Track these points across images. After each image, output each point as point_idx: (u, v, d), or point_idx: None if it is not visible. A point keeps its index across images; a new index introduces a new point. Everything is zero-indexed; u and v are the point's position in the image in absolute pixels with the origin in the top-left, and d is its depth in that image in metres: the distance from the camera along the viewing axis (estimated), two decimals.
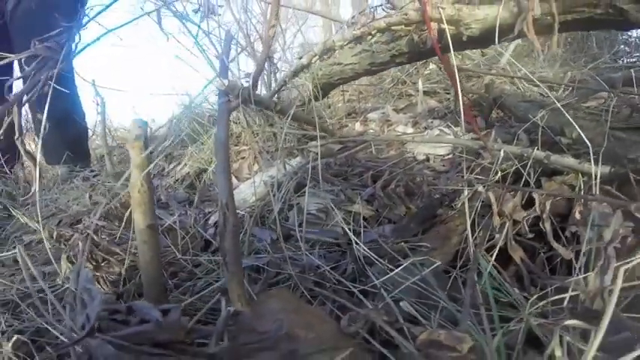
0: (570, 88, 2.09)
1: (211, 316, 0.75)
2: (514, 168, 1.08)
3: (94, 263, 0.95)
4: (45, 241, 1.04)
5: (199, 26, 1.71)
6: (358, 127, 2.16)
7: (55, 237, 1.11)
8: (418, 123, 2.05)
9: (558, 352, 0.51)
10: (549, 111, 1.31)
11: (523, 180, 1.03)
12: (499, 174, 1.10)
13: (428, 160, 1.45)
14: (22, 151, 0.90)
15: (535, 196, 0.92)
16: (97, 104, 2.47)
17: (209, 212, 1.35)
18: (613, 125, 1.14)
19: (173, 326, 0.51)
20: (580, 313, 0.60)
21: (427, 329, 0.56)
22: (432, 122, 2.01)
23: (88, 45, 1.28)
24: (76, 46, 1.29)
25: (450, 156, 1.48)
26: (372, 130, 2.04)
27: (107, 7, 1.25)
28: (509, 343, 0.60)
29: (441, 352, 0.52)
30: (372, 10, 1.54)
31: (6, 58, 1.26)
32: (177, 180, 1.83)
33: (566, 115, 1.07)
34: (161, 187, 1.79)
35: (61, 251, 1.22)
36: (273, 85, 2.17)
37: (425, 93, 2.43)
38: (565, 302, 0.65)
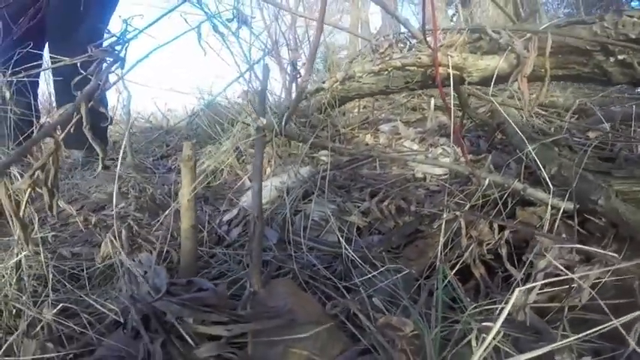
0: (576, 116, 2.34)
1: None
2: (495, 195, 1.34)
3: (134, 247, 1.23)
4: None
5: (237, 36, 1.98)
6: (368, 139, 2.43)
7: (93, 223, 1.39)
8: (425, 139, 2.31)
9: (473, 343, 0.77)
10: (539, 145, 1.57)
11: (498, 208, 1.29)
12: (480, 200, 1.36)
13: (425, 179, 1.72)
14: (90, 140, 1.14)
15: (495, 225, 1.18)
16: (119, 93, 2.76)
17: (224, 211, 1.63)
18: (586, 166, 1.39)
19: (220, 294, 0.80)
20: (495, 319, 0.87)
21: (385, 316, 0.84)
22: (438, 140, 2.27)
23: (141, 60, 1.52)
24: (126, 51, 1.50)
25: (446, 176, 1.74)
26: (380, 144, 2.31)
27: (155, 21, 1.49)
28: (449, 337, 0.86)
29: (392, 332, 0.80)
30: (395, 35, 1.81)
31: (62, 61, 1.47)
32: None
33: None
34: (178, 183, 2.07)
35: (91, 235, 1.52)
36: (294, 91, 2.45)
37: (438, 108, 2.69)
38: (497, 311, 0.91)
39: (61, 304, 1.03)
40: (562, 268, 1.01)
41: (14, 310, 1.05)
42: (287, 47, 3.01)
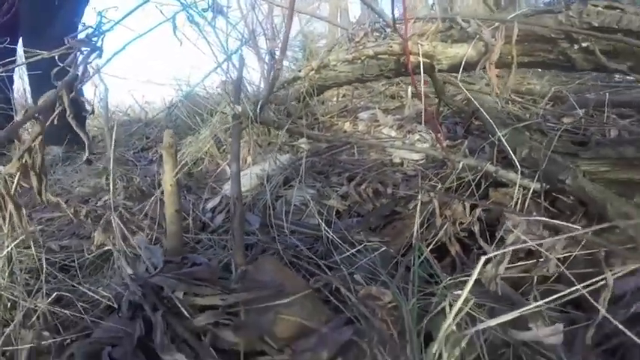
0: (552, 103, 2.44)
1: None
2: (468, 178, 1.43)
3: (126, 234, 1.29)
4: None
5: (213, 26, 2.03)
6: (347, 126, 2.51)
7: (84, 213, 1.44)
8: (403, 126, 2.39)
9: (447, 310, 0.85)
10: (511, 130, 1.66)
11: (471, 189, 1.38)
12: (455, 182, 1.45)
13: (402, 164, 1.80)
14: (75, 129, 1.18)
15: (466, 204, 1.26)
16: (96, 86, 2.80)
17: (206, 198, 1.70)
18: (555, 148, 1.48)
19: (213, 268, 0.88)
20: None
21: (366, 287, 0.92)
22: (415, 126, 2.35)
23: (118, 52, 1.56)
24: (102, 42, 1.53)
25: (423, 161, 1.82)
26: (358, 131, 2.39)
27: (131, 12, 1.53)
28: (426, 309, 0.94)
29: (372, 301, 0.87)
30: (371, 24, 1.88)
31: (39, 55, 1.50)
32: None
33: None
34: (160, 174, 2.13)
35: (78, 227, 1.57)
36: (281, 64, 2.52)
37: (416, 96, 2.78)
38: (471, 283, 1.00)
39: (55, 293, 1.08)
40: (528, 240, 1.11)
41: (9, 303, 1.09)
42: (264, 36, 3.06)
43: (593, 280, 0.89)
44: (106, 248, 1.31)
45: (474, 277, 0.73)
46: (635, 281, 1.01)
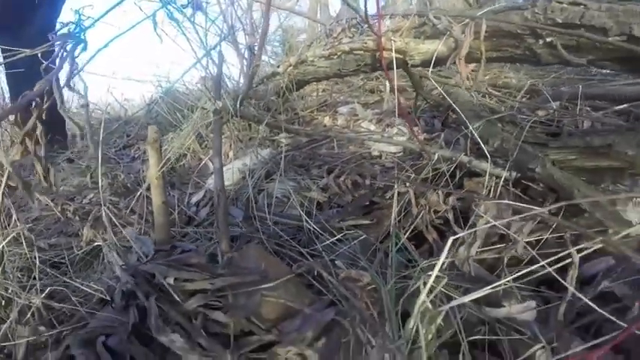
0: (528, 96, 2.53)
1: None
2: (444, 169, 1.51)
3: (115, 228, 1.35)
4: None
5: (192, 22, 2.08)
6: (327, 121, 2.58)
7: (72, 211, 1.49)
8: (382, 120, 2.47)
9: (422, 288, 0.92)
10: (484, 122, 1.74)
11: (445, 178, 1.46)
12: (431, 173, 1.53)
13: (380, 157, 1.87)
14: (67, 121, 1.22)
15: (440, 193, 1.34)
16: (74, 85, 2.83)
17: (190, 193, 1.76)
18: (526, 139, 1.56)
19: (200, 254, 0.94)
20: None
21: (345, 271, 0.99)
22: (394, 120, 2.43)
23: (101, 49, 1.60)
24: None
25: (401, 154, 1.90)
26: (338, 125, 2.46)
27: (111, 9, 1.57)
28: (405, 290, 1.02)
29: (352, 283, 0.95)
30: (348, 20, 1.95)
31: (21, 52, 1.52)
32: None
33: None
34: (143, 171, 2.19)
35: (65, 225, 1.62)
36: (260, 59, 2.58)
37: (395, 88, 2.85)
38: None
39: (48, 289, 1.14)
40: (497, 223, 1.19)
41: (3, 301, 1.14)
42: (244, 32, 3.10)
43: (560, 258, 0.97)
44: (96, 244, 1.36)
45: (444, 256, 0.80)
46: (606, 262, 1.10)
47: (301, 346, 0.81)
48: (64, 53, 1.33)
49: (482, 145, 1.51)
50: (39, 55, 1.37)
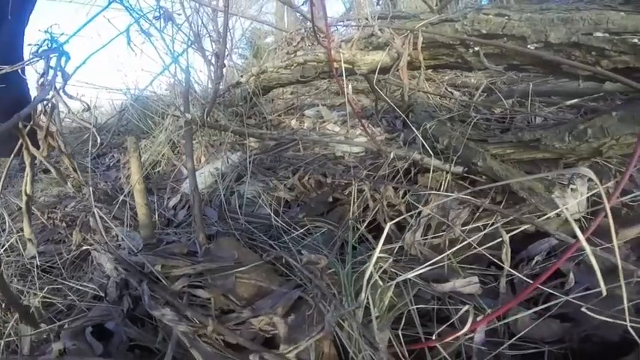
0: (485, 94, 2.77)
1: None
2: (399, 166, 1.73)
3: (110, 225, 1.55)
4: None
5: (161, 32, 2.26)
6: (294, 123, 2.79)
7: (59, 218, 1.68)
8: (347, 122, 2.69)
9: (373, 270, 1.14)
10: (436, 121, 1.97)
11: (399, 175, 1.69)
12: (387, 170, 1.76)
13: (343, 157, 2.10)
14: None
15: (390, 188, 1.57)
16: (47, 100, 2.98)
17: (168, 198, 1.96)
18: (471, 136, 1.78)
19: (183, 245, 1.16)
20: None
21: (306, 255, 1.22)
22: (357, 121, 2.65)
23: (79, 66, 1.77)
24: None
25: (363, 154, 2.13)
26: (304, 127, 2.68)
27: (84, 25, 1.75)
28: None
29: (312, 266, 1.17)
30: (307, 30, 2.18)
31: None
32: None
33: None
34: (119, 178, 2.39)
35: (51, 233, 1.81)
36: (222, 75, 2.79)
37: (360, 92, 3.09)
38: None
39: (47, 287, 1.33)
40: (433, 213, 1.42)
41: (3, 304, 1.28)
42: (209, 38, 3.29)
43: (494, 238, 1.20)
44: (84, 248, 1.56)
45: (383, 237, 1.01)
46: (549, 243, 1.31)
47: (271, 316, 1.03)
48: (51, 67, 1.50)
49: (423, 141, 1.73)
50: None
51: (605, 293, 0.73)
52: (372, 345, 0.92)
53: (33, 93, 2.96)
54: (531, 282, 1.03)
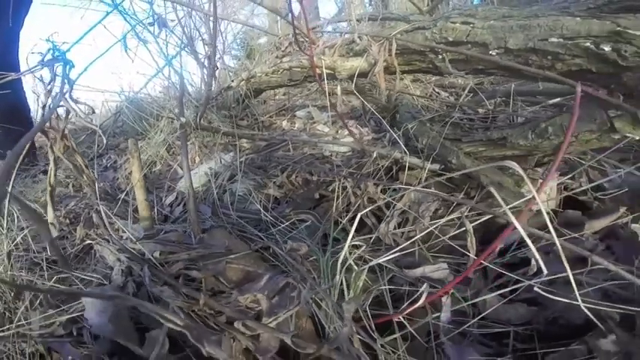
0: (472, 94, 2.93)
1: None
2: (382, 164, 1.91)
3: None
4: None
5: (156, 37, 2.43)
6: (285, 124, 2.97)
7: (63, 215, 1.85)
8: (336, 122, 2.86)
9: (347, 255, 1.31)
10: (417, 122, 2.13)
11: (380, 173, 1.86)
12: (371, 168, 1.93)
13: (331, 156, 2.27)
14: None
15: (369, 184, 1.75)
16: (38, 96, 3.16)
17: (164, 196, 2.14)
18: (448, 136, 1.89)
19: (180, 234, 1.35)
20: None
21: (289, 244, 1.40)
22: (347, 122, 2.82)
23: (81, 73, 1.93)
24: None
25: (350, 153, 2.30)
26: (295, 128, 2.86)
27: (85, 34, 1.93)
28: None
29: (294, 252, 1.34)
30: (293, 37, 2.35)
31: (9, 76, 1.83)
32: (130, 172, 2.59)
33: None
34: (117, 179, 2.56)
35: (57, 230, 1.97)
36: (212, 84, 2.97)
37: (351, 92, 3.26)
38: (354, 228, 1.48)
39: (55, 277, 1.46)
40: (404, 206, 1.59)
41: (12, 294, 1.38)
42: (202, 42, 3.45)
43: (460, 227, 1.37)
44: (87, 242, 1.72)
45: (355, 225, 1.17)
46: (518, 234, 1.47)
47: (255, 293, 1.20)
48: (57, 75, 1.66)
49: (400, 140, 1.89)
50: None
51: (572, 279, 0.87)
52: (342, 318, 1.07)
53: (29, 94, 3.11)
54: (500, 270, 1.21)
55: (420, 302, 1.02)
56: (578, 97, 0.93)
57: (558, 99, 2.28)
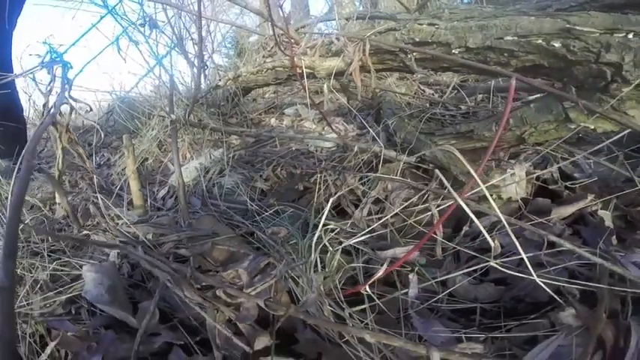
0: (456, 91, 3.10)
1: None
2: (363, 158, 2.09)
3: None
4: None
5: (147, 38, 2.62)
6: (274, 122, 3.15)
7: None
8: (323, 119, 3.04)
9: (322, 235, 1.48)
10: (397, 118, 2.31)
11: (360, 165, 2.05)
12: (353, 161, 2.11)
13: (316, 151, 2.46)
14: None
15: (346, 175, 1.93)
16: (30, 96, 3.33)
17: (157, 190, 2.32)
18: (423, 130, 2.06)
19: (171, 217, 1.54)
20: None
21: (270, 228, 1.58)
22: (334, 119, 3.00)
23: (77, 74, 2.11)
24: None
25: (334, 148, 2.49)
26: (283, 125, 3.04)
27: (79, 38, 2.12)
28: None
29: (275, 235, 1.53)
30: (277, 37, 2.53)
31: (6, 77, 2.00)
32: (124, 168, 2.78)
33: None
34: (111, 175, 2.75)
35: (52, 223, 2.15)
36: (202, 82, 3.15)
37: (338, 90, 3.45)
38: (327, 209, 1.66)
39: (55, 262, 1.63)
40: (376, 195, 1.77)
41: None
42: (192, 41, 3.62)
43: (426, 210, 1.55)
44: (84, 233, 1.90)
45: (327, 209, 1.34)
46: (489, 220, 1.53)
47: (237, 269, 1.37)
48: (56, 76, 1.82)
49: (376, 136, 2.08)
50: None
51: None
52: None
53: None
54: (470, 252, 1.36)
55: (379, 274, 1.18)
56: (512, 88, 1.07)
57: (539, 95, 2.41)
